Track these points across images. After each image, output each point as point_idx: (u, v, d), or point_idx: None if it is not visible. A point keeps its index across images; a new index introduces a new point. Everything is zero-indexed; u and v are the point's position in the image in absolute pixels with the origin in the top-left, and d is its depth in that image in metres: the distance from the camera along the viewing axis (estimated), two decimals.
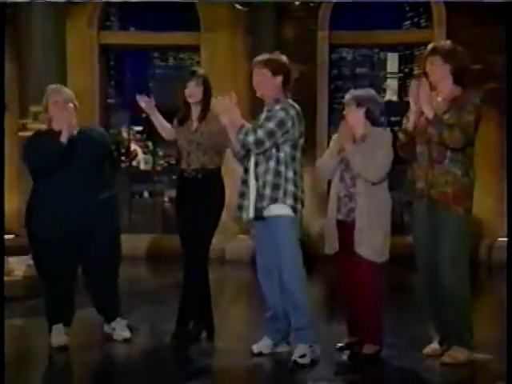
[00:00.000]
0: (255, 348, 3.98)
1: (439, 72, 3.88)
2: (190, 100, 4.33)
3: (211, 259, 4.51)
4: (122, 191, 8.71)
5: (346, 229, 3.97)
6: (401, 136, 3.96)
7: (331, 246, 4.06)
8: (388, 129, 4.09)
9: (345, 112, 4.11)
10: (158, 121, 4.46)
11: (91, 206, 4.20)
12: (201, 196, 4.25)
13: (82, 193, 4.19)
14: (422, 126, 3.87)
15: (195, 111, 4.36)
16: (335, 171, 4.06)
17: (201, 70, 4.49)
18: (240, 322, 5.26)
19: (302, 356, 3.82)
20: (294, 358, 3.83)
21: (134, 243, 7.98)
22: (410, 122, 3.90)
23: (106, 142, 4.51)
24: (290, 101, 3.95)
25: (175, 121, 4.47)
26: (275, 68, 3.92)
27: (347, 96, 4.13)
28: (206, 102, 4.32)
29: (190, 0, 8.60)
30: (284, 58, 3.99)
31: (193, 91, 4.31)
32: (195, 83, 4.31)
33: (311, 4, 6.99)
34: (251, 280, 7.02)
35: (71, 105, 4.28)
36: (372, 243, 3.91)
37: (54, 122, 4.30)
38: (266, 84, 3.92)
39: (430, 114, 3.81)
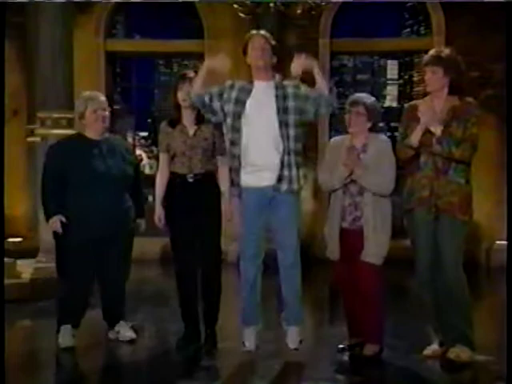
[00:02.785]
0: (243, 347, 4.06)
1: (439, 83, 3.93)
2: (184, 104, 4.26)
3: None
4: None
5: (350, 237, 4.02)
6: (408, 151, 3.96)
7: (333, 252, 4.10)
8: (385, 135, 4.16)
9: (350, 115, 4.06)
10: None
11: (119, 213, 4.30)
12: (208, 200, 4.23)
13: (112, 199, 4.26)
14: (426, 139, 3.90)
15: (186, 115, 4.29)
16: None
17: (191, 73, 4.36)
18: None
19: (301, 341, 4.03)
20: (295, 346, 4.00)
21: (138, 246, 8.09)
22: (415, 138, 3.91)
23: (131, 149, 4.64)
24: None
25: (165, 125, 4.37)
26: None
27: (354, 99, 4.09)
28: None
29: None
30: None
31: (187, 95, 4.21)
32: (188, 85, 4.22)
33: (313, 12, 7.09)
34: None
35: (107, 113, 4.39)
36: (378, 249, 3.98)
37: (89, 130, 4.36)
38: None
39: (437, 132, 3.87)
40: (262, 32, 4.07)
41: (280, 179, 3.92)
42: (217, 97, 4.04)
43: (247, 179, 3.97)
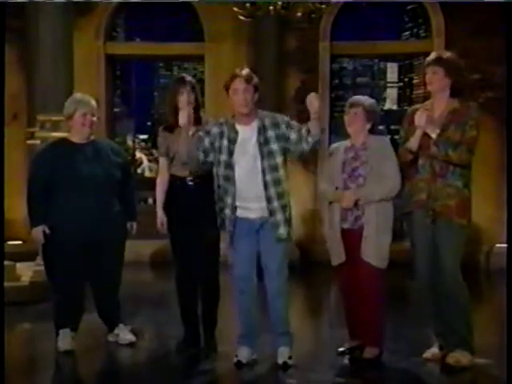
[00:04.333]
0: (236, 358, 4.01)
1: (440, 83, 3.95)
2: (187, 106, 4.25)
3: None
4: None
5: (352, 237, 4.02)
6: (408, 155, 3.98)
7: (337, 256, 4.10)
8: (387, 137, 4.17)
9: (351, 115, 4.10)
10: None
11: (107, 217, 4.28)
12: (208, 203, 4.18)
13: (99, 204, 4.24)
14: (425, 142, 3.92)
15: (183, 117, 4.24)
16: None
17: (189, 77, 4.44)
18: None
19: (290, 357, 3.97)
20: (283, 360, 3.94)
21: (138, 249, 8.10)
22: (414, 142, 3.93)
23: (122, 153, 4.61)
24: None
25: (162, 129, 4.41)
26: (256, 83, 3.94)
27: (353, 101, 4.13)
28: (197, 107, 4.30)
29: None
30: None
31: (189, 97, 4.26)
32: (189, 89, 4.27)
33: (313, 15, 7.10)
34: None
35: (95, 118, 4.36)
36: (379, 250, 3.98)
37: (75, 133, 4.34)
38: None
39: (433, 134, 3.87)
40: (244, 73, 3.92)
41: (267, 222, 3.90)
42: (210, 149, 4.00)
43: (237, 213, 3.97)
